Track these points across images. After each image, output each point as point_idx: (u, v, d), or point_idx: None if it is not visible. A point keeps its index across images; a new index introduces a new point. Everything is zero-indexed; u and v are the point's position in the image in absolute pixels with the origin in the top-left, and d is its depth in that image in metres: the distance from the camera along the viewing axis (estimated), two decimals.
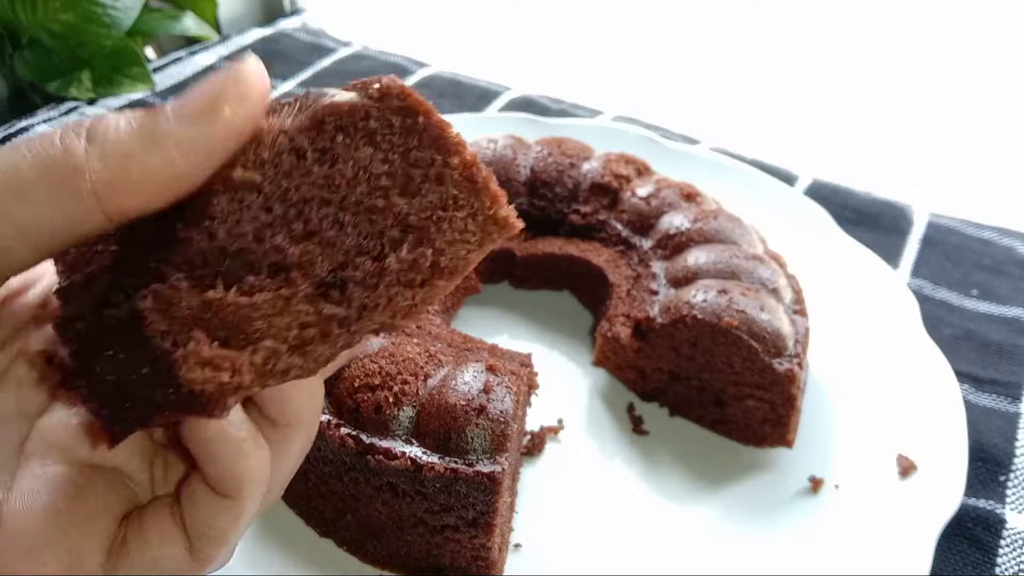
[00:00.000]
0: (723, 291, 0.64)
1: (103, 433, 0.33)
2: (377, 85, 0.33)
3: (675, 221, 0.72)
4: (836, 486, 0.62)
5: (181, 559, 0.37)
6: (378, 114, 0.33)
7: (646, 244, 0.73)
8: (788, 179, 0.93)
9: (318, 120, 0.33)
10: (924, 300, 0.78)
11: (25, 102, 1.02)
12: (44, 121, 0.96)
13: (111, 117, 0.32)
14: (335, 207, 0.33)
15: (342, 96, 0.33)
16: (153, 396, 0.31)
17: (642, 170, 0.80)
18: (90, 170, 0.31)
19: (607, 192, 0.77)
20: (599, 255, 0.75)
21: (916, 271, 0.84)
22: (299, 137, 0.32)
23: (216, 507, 0.37)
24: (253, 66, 0.33)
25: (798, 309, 0.67)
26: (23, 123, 0.95)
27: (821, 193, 0.92)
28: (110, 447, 0.34)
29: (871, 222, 0.89)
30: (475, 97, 1.09)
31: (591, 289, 0.76)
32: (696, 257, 0.68)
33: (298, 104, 0.34)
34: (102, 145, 0.32)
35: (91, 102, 1.00)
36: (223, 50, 1.15)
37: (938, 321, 0.77)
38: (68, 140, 0.32)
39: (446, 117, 0.34)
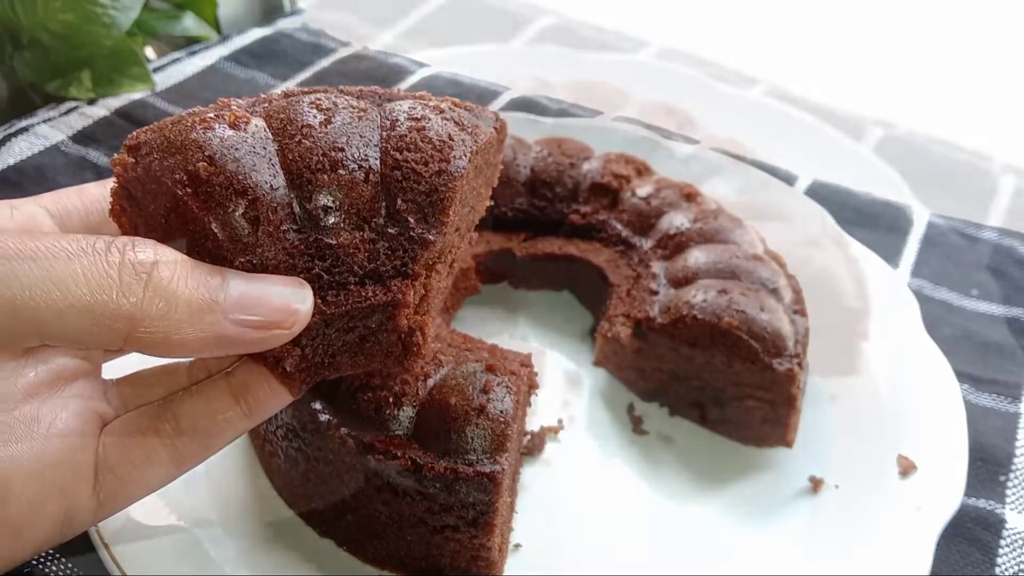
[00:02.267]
0: (723, 291, 0.64)
1: (294, 384, 0.41)
2: (497, 121, 0.48)
3: (675, 221, 0.72)
4: (836, 486, 0.62)
5: (165, 472, 0.41)
6: (497, 142, 0.50)
7: (646, 244, 0.73)
8: (788, 179, 0.93)
9: (484, 146, 0.46)
10: (924, 300, 0.78)
11: (25, 102, 1.02)
12: (44, 121, 0.96)
13: (180, 269, 0.36)
14: (468, 207, 0.47)
15: (487, 129, 0.46)
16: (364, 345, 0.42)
17: (642, 170, 0.79)
18: (136, 323, 0.34)
19: (607, 192, 0.77)
20: (599, 255, 0.75)
21: (916, 271, 0.84)
22: (476, 159, 0.45)
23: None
24: (307, 309, 0.39)
25: (798, 309, 0.67)
26: (23, 123, 0.95)
27: (821, 193, 0.92)
28: (296, 396, 0.42)
29: (871, 222, 0.89)
30: (475, 97, 1.09)
31: (591, 289, 0.76)
32: (696, 257, 0.68)
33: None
34: (159, 304, 0.35)
35: (91, 102, 1.00)
36: (223, 50, 1.14)
37: (938, 321, 0.77)
38: (127, 285, 0.34)
39: None
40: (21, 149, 0.92)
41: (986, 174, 0.87)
